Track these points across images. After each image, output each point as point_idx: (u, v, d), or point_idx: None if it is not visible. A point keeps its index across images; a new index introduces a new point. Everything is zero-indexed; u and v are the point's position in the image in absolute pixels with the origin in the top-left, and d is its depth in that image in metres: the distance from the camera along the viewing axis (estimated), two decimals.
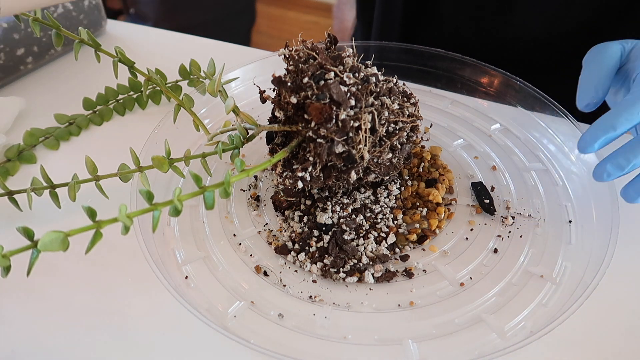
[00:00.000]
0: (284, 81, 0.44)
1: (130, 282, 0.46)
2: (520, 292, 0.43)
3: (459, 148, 0.57)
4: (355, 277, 0.44)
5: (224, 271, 0.46)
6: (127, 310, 0.44)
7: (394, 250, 0.46)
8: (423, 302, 0.43)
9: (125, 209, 0.37)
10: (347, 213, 0.48)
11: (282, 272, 0.45)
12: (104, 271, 0.46)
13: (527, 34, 0.69)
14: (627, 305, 0.43)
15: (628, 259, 0.46)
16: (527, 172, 0.54)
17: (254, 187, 0.53)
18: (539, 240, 0.47)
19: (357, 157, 0.43)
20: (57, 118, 0.62)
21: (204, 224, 0.50)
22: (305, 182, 0.44)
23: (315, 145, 0.42)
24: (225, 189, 0.41)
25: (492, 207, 0.49)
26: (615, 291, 0.44)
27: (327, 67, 0.43)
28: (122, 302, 0.44)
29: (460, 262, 0.46)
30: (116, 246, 0.48)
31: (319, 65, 0.44)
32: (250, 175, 0.43)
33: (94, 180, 0.48)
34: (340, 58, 0.45)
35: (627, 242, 0.47)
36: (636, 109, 0.40)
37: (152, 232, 0.39)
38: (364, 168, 0.45)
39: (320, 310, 0.42)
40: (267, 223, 0.50)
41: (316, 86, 0.42)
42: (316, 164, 0.43)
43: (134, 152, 0.48)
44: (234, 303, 0.43)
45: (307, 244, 0.46)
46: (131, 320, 0.43)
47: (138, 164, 0.48)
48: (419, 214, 0.49)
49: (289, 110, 0.45)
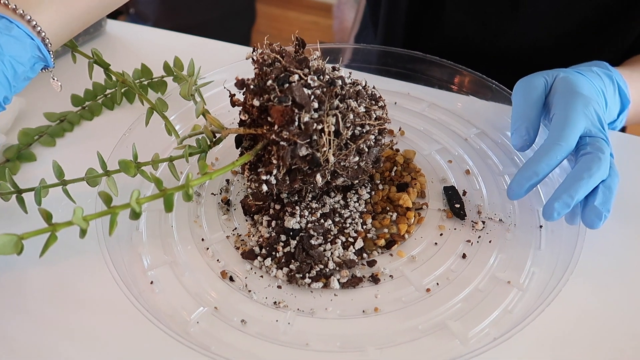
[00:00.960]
0: (246, 84, 0.44)
1: (92, 286, 0.45)
2: (486, 298, 0.43)
3: (434, 152, 0.56)
4: (321, 282, 0.44)
5: (189, 276, 0.45)
6: (87, 316, 0.43)
7: (362, 256, 0.46)
8: (388, 308, 0.43)
9: (81, 212, 0.37)
10: (316, 218, 0.48)
11: (248, 278, 0.45)
12: (64, 275, 0.46)
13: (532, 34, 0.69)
14: (591, 311, 0.43)
15: (595, 264, 0.46)
16: (500, 177, 0.53)
17: (225, 191, 0.53)
18: (508, 246, 0.47)
19: (322, 160, 0.43)
20: (47, 116, 0.62)
21: (173, 228, 0.49)
22: (270, 185, 0.44)
23: (278, 148, 0.42)
24: (186, 191, 0.41)
25: (463, 212, 0.49)
26: (581, 297, 0.43)
27: (291, 70, 0.43)
28: (82, 306, 0.44)
29: (428, 268, 0.45)
30: (81, 251, 0.47)
31: (283, 68, 0.43)
32: (213, 178, 0.43)
33: (61, 185, 0.48)
34: (307, 61, 0.45)
35: (594, 248, 0.46)
36: (554, 154, 0.44)
37: (109, 235, 0.38)
38: (331, 172, 0.45)
39: (283, 317, 0.42)
40: (236, 228, 0.49)
41: (279, 89, 0.42)
42: (280, 167, 0.43)
43: (101, 157, 0.48)
44: (198, 309, 0.43)
45: (274, 249, 0.46)
46: (90, 327, 0.42)
47: (105, 168, 0.48)
48: (388, 218, 0.48)
49: (254, 114, 0.44)
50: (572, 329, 0.42)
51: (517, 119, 0.48)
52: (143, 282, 0.45)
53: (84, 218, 0.37)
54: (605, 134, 0.46)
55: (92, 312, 0.43)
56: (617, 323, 0.42)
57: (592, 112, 0.46)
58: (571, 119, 0.45)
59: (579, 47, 0.68)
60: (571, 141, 0.44)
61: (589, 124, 0.45)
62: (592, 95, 0.48)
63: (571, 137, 0.44)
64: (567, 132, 0.44)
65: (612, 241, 0.48)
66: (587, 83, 0.49)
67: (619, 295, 0.44)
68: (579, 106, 0.46)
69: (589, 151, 0.44)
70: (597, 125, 0.45)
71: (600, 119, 0.46)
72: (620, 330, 0.42)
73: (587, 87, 0.48)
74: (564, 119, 0.45)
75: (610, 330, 0.41)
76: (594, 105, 0.46)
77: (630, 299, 0.44)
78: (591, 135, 0.45)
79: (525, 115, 0.48)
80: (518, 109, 0.49)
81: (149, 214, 0.50)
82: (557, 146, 0.44)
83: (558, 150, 0.44)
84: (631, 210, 0.50)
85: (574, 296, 0.43)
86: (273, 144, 0.43)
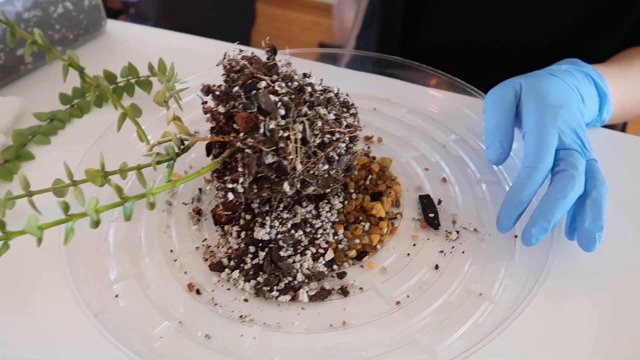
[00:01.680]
0: (212, 90, 0.43)
1: (52, 301, 0.44)
2: (456, 310, 0.42)
3: (411, 159, 0.55)
4: (289, 295, 0.43)
5: (155, 289, 0.44)
6: (46, 328, 0.42)
7: (332, 268, 0.45)
8: (356, 321, 0.42)
9: (35, 220, 0.36)
10: (286, 228, 0.47)
11: (215, 290, 0.44)
12: (23, 290, 0.45)
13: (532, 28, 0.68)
14: (561, 323, 0.42)
15: (567, 275, 0.45)
16: (477, 185, 0.52)
17: (198, 200, 0.52)
18: (482, 256, 0.45)
19: (289, 169, 0.42)
20: (37, 116, 0.63)
21: (142, 239, 0.48)
22: (237, 194, 0.43)
23: (243, 156, 0.41)
24: (148, 200, 0.40)
25: (437, 222, 0.48)
26: (551, 309, 0.42)
27: (258, 77, 0.42)
28: (42, 320, 0.43)
29: (399, 279, 0.44)
30: (43, 263, 0.46)
31: (250, 74, 0.42)
32: (177, 186, 0.42)
33: (27, 196, 0.47)
34: (276, 67, 0.44)
35: (565, 259, 0.45)
36: (535, 179, 0.43)
37: (64, 244, 0.37)
38: (300, 180, 0.44)
39: (249, 331, 0.41)
40: (206, 238, 0.49)
41: (245, 95, 0.41)
42: (246, 175, 0.42)
43: (68, 167, 0.47)
44: (162, 323, 0.42)
45: (242, 260, 0.45)
46: (49, 345, 0.41)
47: (72, 178, 0.47)
48: (361, 228, 0.48)
49: (221, 121, 0.43)
50: (542, 342, 0.41)
51: (490, 133, 0.48)
52: (108, 295, 0.44)
53: (38, 227, 0.36)
54: (580, 141, 0.45)
55: (50, 327, 0.42)
56: (587, 335, 0.41)
57: (562, 122, 0.45)
58: (543, 137, 0.44)
59: (579, 39, 0.67)
60: (548, 161, 0.43)
61: (562, 135, 0.44)
62: (561, 99, 0.47)
63: (547, 156, 0.43)
64: (542, 153, 0.43)
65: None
66: (557, 85, 0.48)
67: (591, 306, 0.43)
68: (548, 120, 0.45)
69: (562, 168, 0.43)
70: (569, 135, 0.45)
71: (572, 126, 0.45)
72: (590, 342, 0.41)
73: (557, 90, 0.47)
74: (537, 139, 0.44)
75: (580, 342, 0.40)
76: (564, 114, 0.45)
77: (602, 311, 0.42)
78: (565, 148, 0.44)
79: (498, 129, 0.47)
80: (490, 123, 0.48)
81: (118, 224, 0.50)
82: (536, 170, 0.43)
83: (537, 173, 0.43)
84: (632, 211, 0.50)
85: (545, 308, 0.42)
86: (239, 152, 0.42)
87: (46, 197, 0.46)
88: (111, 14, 1.72)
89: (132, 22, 1.32)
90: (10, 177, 0.57)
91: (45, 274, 0.46)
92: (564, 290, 0.43)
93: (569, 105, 0.47)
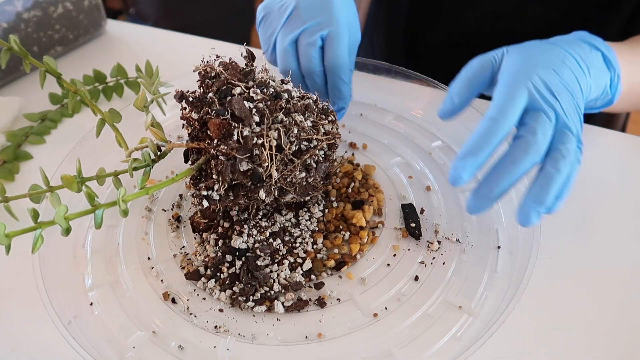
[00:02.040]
0: (185, 96, 0.42)
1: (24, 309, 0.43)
2: (434, 323, 0.41)
3: (396, 167, 0.55)
4: (265, 306, 0.42)
5: (130, 298, 0.44)
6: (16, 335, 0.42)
7: (310, 278, 0.44)
8: (332, 333, 0.41)
9: (3, 228, 0.36)
10: (265, 237, 0.46)
11: (190, 300, 0.43)
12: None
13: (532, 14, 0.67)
14: (541, 335, 0.41)
15: (548, 286, 0.44)
16: (462, 193, 0.51)
17: (177, 207, 0.51)
18: (463, 268, 0.45)
19: (265, 176, 0.41)
20: (27, 117, 0.64)
21: (119, 245, 0.48)
22: (212, 201, 0.42)
23: (217, 163, 0.41)
24: (119, 207, 0.39)
25: (418, 232, 0.47)
26: (530, 322, 0.42)
27: (233, 83, 0.42)
28: (13, 328, 0.42)
29: (378, 291, 0.44)
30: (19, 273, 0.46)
31: (225, 80, 0.42)
32: (150, 193, 0.41)
33: (2, 202, 0.46)
34: (252, 74, 0.43)
35: (547, 272, 0.45)
36: (491, 130, 0.38)
37: (32, 252, 0.37)
38: (277, 188, 0.43)
39: (223, 342, 0.40)
40: (184, 246, 0.48)
41: (219, 102, 0.41)
42: (220, 182, 0.41)
43: (44, 173, 0.46)
44: (135, 333, 0.41)
45: (218, 269, 0.44)
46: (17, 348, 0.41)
47: (48, 184, 0.46)
48: (340, 238, 0.47)
49: (196, 127, 0.43)
50: (522, 354, 0.40)
51: (450, 89, 0.43)
52: (83, 303, 0.43)
53: (6, 235, 0.36)
54: (550, 103, 0.40)
55: (21, 335, 0.42)
56: (569, 346, 0.40)
57: (539, 82, 0.40)
58: (510, 91, 0.39)
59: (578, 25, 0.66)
60: (510, 115, 0.38)
61: (535, 94, 0.39)
62: (547, 61, 0.42)
63: (509, 111, 0.38)
64: (505, 106, 0.38)
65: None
66: (548, 50, 0.43)
67: (574, 316, 0.42)
68: (520, 77, 0.40)
69: (521, 134, 0.38)
70: (546, 97, 0.40)
71: (554, 89, 0.40)
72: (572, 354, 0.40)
73: (546, 53, 0.43)
74: (503, 92, 0.39)
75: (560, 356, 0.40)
76: (544, 74, 0.40)
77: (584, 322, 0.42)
78: (534, 108, 0.39)
79: (457, 85, 0.43)
80: (453, 83, 0.44)
81: (97, 230, 0.49)
82: (494, 121, 0.38)
83: (495, 125, 0.38)
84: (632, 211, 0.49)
85: (525, 321, 0.41)
86: (213, 159, 0.41)
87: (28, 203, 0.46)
88: (111, 14, 1.71)
89: (132, 22, 1.31)
90: (12, 177, 0.57)
91: (19, 282, 0.45)
92: (545, 301, 0.43)
93: (559, 69, 0.42)
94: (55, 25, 0.70)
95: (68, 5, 0.71)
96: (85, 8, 0.73)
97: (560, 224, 0.48)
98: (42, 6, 0.68)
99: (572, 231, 0.48)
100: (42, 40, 0.70)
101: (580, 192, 0.50)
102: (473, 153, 0.37)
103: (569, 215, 0.49)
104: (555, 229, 0.47)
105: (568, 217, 0.48)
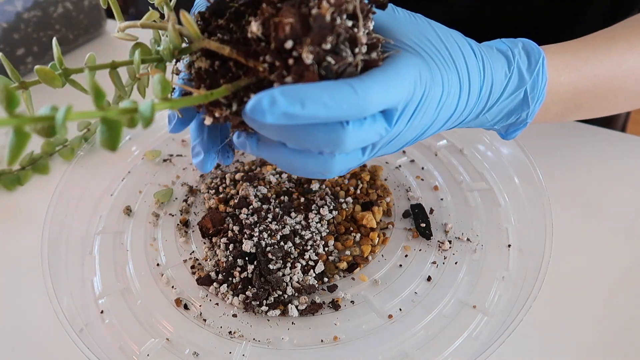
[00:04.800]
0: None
1: (35, 317, 0.43)
2: (450, 324, 0.41)
3: (403, 167, 0.55)
4: (279, 310, 0.42)
5: (142, 305, 0.43)
6: (27, 344, 0.41)
7: (322, 280, 0.44)
8: (347, 336, 0.41)
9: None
10: (275, 240, 0.46)
11: (203, 305, 0.43)
12: (7, 302, 0.44)
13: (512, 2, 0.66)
14: (560, 332, 0.41)
15: (564, 281, 0.44)
16: (470, 192, 0.51)
17: (185, 212, 0.51)
18: (475, 267, 0.45)
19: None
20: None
21: (128, 252, 0.47)
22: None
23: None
24: (145, 116, 0.25)
25: (429, 232, 0.47)
26: (545, 321, 0.42)
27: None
28: (24, 336, 0.42)
29: (391, 292, 0.43)
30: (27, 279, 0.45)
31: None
32: (175, 108, 0.32)
33: None
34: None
35: (559, 270, 0.45)
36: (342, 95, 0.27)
37: (7, 164, 0.24)
38: None
39: (238, 348, 0.40)
40: (194, 251, 0.47)
41: None
42: None
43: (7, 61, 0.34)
44: (149, 340, 0.41)
45: (230, 274, 0.44)
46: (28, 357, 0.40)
47: (19, 79, 0.33)
48: (351, 239, 0.47)
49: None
50: (540, 352, 0.40)
51: None
52: (93, 311, 0.43)
53: None
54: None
55: (32, 344, 0.41)
56: (588, 342, 0.40)
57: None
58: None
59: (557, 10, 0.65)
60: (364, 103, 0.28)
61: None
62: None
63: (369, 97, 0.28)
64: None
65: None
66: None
67: (591, 311, 0.42)
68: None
69: None
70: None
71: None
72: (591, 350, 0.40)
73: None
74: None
75: (580, 351, 0.40)
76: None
77: (603, 316, 0.42)
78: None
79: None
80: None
81: (103, 237, 0.48)
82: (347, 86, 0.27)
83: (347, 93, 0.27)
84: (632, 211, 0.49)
85: (542, 318, 0.42)
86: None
87: None
88: (111, 14, 1.69)
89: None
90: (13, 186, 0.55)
91: (29, 290, 0.45)
92: (561, 297, 0.43)
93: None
94: (55, 25, 0.69)
95: (68, 5, 0.70)
96: (85, 8, 0.72)
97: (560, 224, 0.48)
98: (42, 6, 0.67)
99: (572, 231, 0.48)
100: (42, 40, 0.69)
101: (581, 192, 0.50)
102: (300, 100, 0.27)
103: (569, 215, 0.49)
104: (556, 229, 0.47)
105: (568, 217, 0.49)
